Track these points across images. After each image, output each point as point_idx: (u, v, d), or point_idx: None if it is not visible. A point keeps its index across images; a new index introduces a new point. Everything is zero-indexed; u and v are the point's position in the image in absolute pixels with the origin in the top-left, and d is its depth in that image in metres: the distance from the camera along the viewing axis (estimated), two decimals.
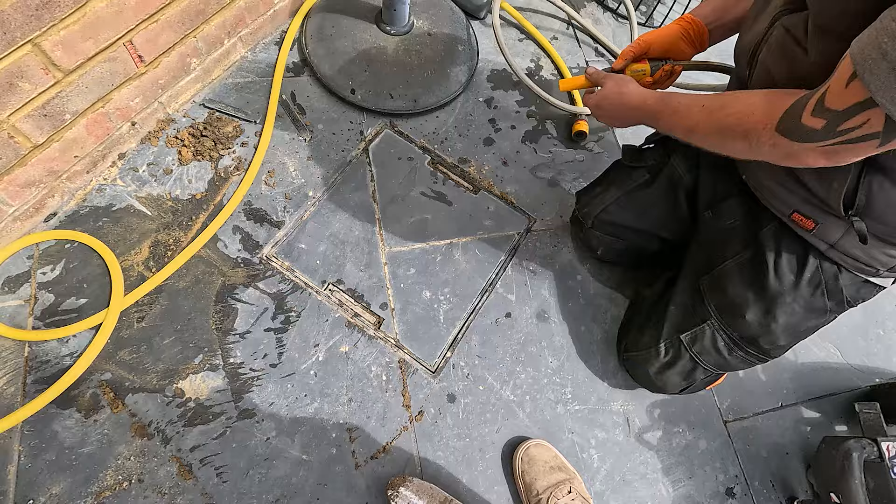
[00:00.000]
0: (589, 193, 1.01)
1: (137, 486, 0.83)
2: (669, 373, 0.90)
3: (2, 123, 0.80)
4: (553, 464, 0.89)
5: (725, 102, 0.65)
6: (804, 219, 0.71)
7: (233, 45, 1.16)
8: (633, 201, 0.94)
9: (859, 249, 0.69)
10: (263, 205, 1.07)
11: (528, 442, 0.92)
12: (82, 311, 0.92)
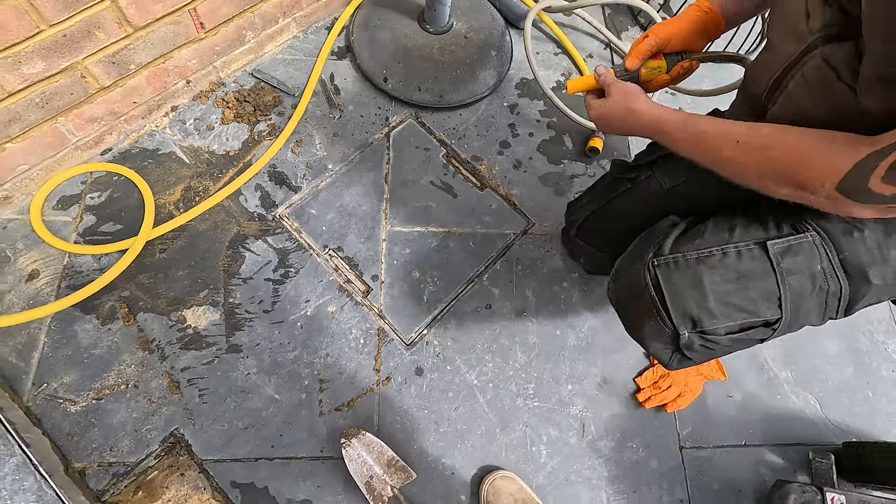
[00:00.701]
0: (575, 204, 1.05)
1: (132, 391, 0.95)
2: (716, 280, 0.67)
3: (76, 64, 0.94)
4: (518, 496, 0.91)
5: (770, 143, 0.57)
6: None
7: (287, 24, 1.28)
8: (612, 210, 0.93)
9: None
10: (286, 170, 1.18)
11: (495, 473, 0.94)
12: (116, 235, 1.06)
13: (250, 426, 0.95)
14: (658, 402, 1.06)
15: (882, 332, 1.24)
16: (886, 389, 1.18)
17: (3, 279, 0.99)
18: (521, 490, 0.93)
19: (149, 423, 0.93)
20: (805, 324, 0.69)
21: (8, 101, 0.89)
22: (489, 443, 1.00)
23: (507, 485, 0.93)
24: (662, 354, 0.72)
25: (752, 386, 1.13)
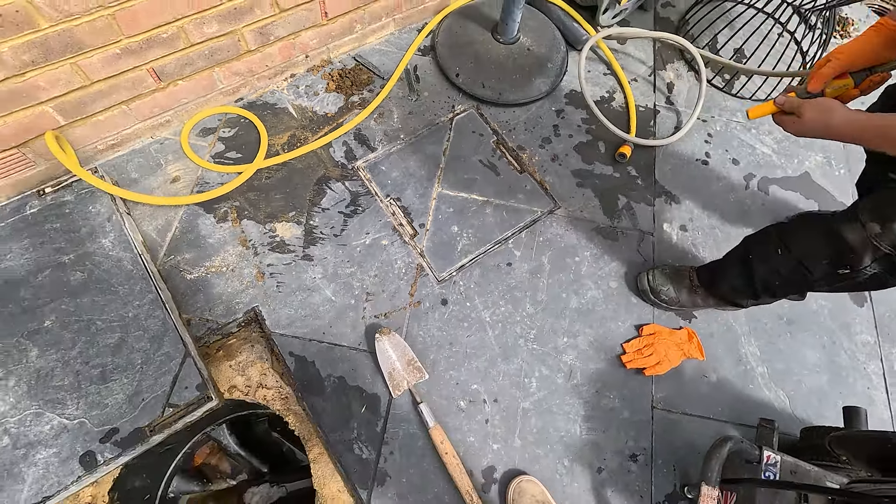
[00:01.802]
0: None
1: (230, 273, 1.26)
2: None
3: (237, 31, 1.29)
4: (540, 498, 1.08)
5: None
6: None
7: (387, 22, 1.60)
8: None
9: None
10: (368, 134, 1.48)
11: (522, 476, 1.10)
12: (236, 160, 1.39)
13: (309, 315, 1.23)
14: (639, 365, 1.25)
15: (864, 353, 1.35)
16: (859, 401, 1.29)
17: (156, 179, 1.35)
18: (543, 494, 1.09)
19: (238, 298, 1.24)
20: None
21: (189, 49, 1.25)
22: (490, 367, 1.23)
23: (531, 487, 1.09)
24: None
25: (728, 372, 1.29)
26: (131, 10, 1.08)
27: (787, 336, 1.35)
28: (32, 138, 1.17)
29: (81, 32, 1.05)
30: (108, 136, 1.30)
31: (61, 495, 0.96)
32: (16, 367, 1.03)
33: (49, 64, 1.06)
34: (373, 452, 1.12)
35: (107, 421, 1.01)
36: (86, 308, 1.10)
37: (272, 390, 1.24)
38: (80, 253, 1.16)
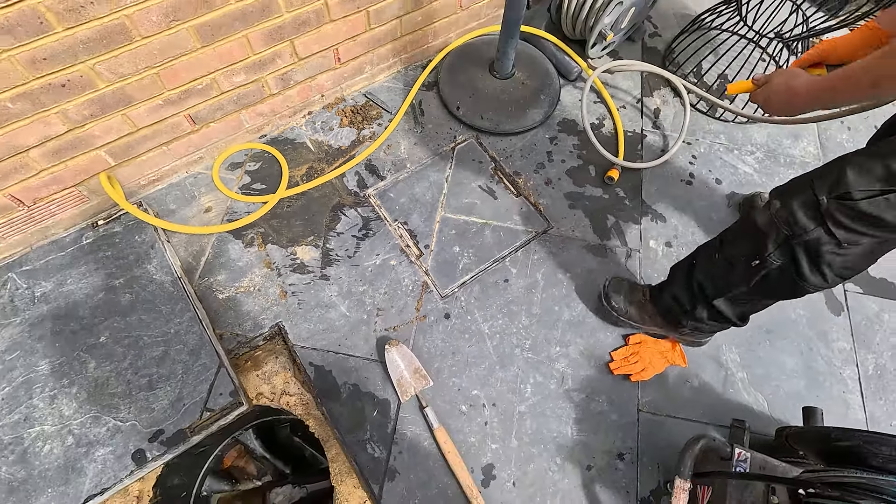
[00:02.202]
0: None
1: (256, 292, 1.42)
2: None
3: (261, 78, 1.46)
4: None
5: (882, 53, 0.72)
6: None
7: (394, 62, 1.77)
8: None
9: None
10: (378, 164, 1.64)
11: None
12: (261, 191, 1.56)
13: (327, 329, 1.38)
14: (625, 371, 1.36)
15: (841, 360, 1.45)
16: (835, 406, 1.39)
17: (191, 209, 1.52)
18: None
19: (263, 314, 1.40)
20: None
21: (220, 97, 1.43)
22: (489, 375, 1.36)
23: None
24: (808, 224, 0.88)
25: (710, 378, 1.39)
26: (173, 68, 1.26)
27: (767, 344, 1.45)
28: (88, 178, 1.35)
29: (132, 89, 1.23)
30: (150, 173, 1.48)
31: (117, 487, 1.12)
32: (77, 377, 1.20)
33: (104, 116, 1.25)
34: (384, 452, 1.26)
35: (154, 423, 1.17)
36: (134, 325, 1.27)
37: (294, 397, 1.39)
38: (128, 277, 1.33)
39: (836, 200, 0.84)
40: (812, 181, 0.88)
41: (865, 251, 0.86)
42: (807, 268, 0.91)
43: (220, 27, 1.25)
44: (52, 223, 1.38)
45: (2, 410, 1.16)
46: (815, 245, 0.88)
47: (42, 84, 1.09)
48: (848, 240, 0.85)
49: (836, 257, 0.88)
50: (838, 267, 0.89)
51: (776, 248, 0.94)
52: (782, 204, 0.91)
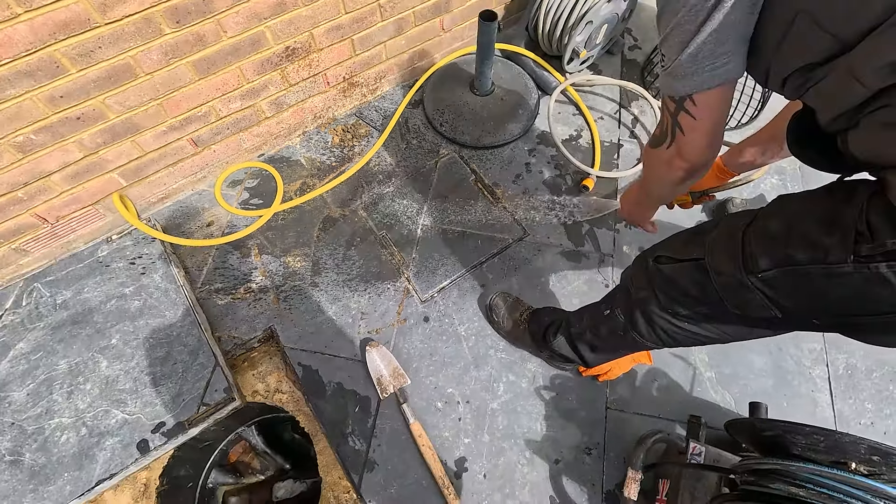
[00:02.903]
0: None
1: (252, 299, 1.55)
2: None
3: (256, 104, 1.61)
4: None
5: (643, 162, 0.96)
6: None
7: (382, 83, 1.90)
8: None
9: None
10: (366, 179, 1.76)
11: None
12: (258, 206, 1.70)
13: (315, 332, 1.50)
14: (593, 372, 1.43)
15: (810, 359, 1.48)
16: (803, 404, 1.42)
17: (194, 224, 1.67)
18: None
19: (258, 319, 1.52)
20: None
21: (218, 122, 1.57)
22: (464, 374, 1.45)
23: None
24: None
25: (678, 376, 1.45)
26: (174, 98, 1.41)
27: (736, 344, 1.49)
28: (103, 197, 1.52)
29: (138, 118, 1.39)
30: (158, 192, 1.64)
31: (123, 473, 1.25)
32: (91, 375, 1.35)
33: (115, 142, 1.41)
34: (364, 444, 1.36)
35: (157, 416, 1.31)
36: (141, 329, 1.41)
37: (286, 394, 1.51)
38: (137, 286, 1.48)
39: (654, 263, 0.91)
40: (653, 245, 0.97)
41: (689, 323, 0.90)
42: (642, 325, 0.98)
43: (214, 61, 1.39)
44: (73, 238, 1.55)
45: (27, 404, 1.31)
46: (648, 304, 0.95)
47: (60, 118, 1.25)
48: (668, 306, 0.90)
49: (665, 322, 0.93)
50: (665, 333, 0.95)
51: (621, 304, 1.03)
52: (631, 265, 1.01)
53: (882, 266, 0.56)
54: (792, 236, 0.66)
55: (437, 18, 1.80)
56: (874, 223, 0.57)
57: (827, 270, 0.62)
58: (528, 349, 1.46)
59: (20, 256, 1.48)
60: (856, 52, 0.55)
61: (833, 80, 0.59)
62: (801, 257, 0.64)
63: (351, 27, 1.60)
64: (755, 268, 0.70)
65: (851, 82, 0.56)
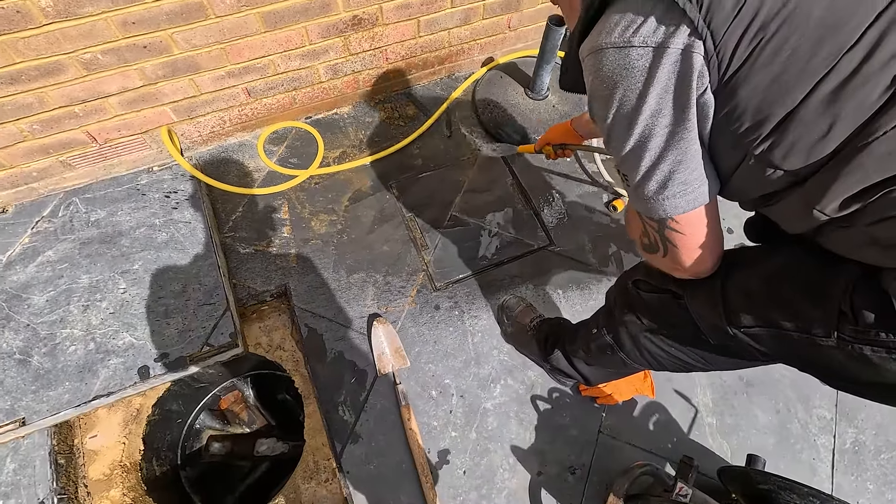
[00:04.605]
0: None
1: (273, 253, 1.57)
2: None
3: (313, 66, 1.63)
4: None
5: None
6: None
7: (439, 69, 1.90)
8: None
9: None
10: (405, 159, 1.77)
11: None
12: (296, 165, 1.73)
13: (327, 297, 1.52)
14: (593, 393, 1.41)
15: (818, 426, 1.43)
16: (801, 469, 1.38)
17: (232, 170, 1.71)
18: None
19: (275, 274, 1.55)
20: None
21: (275, 77, 1.60)
22: (464, 368, 1.44)
23: None
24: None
25: (678, 415, 1.42)
26: (237, 46, 1.44)
27: (743, 395, 1.46)
28: (152, 128, 1.56)
29: (200, 58, 1.42)
30: (204, 133, 1.68)
31: (120, 394, 1.28)
32: (108, 295, 1.39)
33: (174, 77, 1.44)
34: (353, 416, 1.37)
35: (162, 346, 1.34)
36: (164, 260, 1.45)
37: (287, 353, 1.53)
38: (167, 219, 1.52)
39: (634, 287, 0.90)
40: (633, 266, 0.95)
41: (675, 349, 0.88)
42: (629, 346, 0.97)
43: (283, 17, 1.42)
44: (117, 162, 1.59)
45: (45, 309, 1.36)
46: (632, 327, 0.93)
47: (128, 43, 1.29)
48: (652, 330, 0.89)
49: (651, 345, 0.92)
50: (650, 355, 0.94)
51: (606, 324, 1.01)
52: (614, 286, 1.00)
53: (866, 349, 0.56)
54: (773, 300, 0.65)
55: (506, 16, 1.80)
56: (860, 308, 0.56)
57: (811, 341, 0.61)
58: (532, 357, 1.45)
59: (65, 170, 1.53)
60: (811, 185, 0.56)
61: (792, 206, 0.60)
62: (784, 324, 0.63)
63: (419, 8, 1.61)
64: (738, 323, 0.69)
65: (810, 211, 0.57)
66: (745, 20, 0.52)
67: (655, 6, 0.55)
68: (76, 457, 1.36)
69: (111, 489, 1.35)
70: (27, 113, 1.32)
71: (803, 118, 0.52)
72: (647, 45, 0.55)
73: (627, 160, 0.63)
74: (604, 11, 0.61)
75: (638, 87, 0.57)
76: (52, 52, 1.22)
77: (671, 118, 0.58)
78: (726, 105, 0.57)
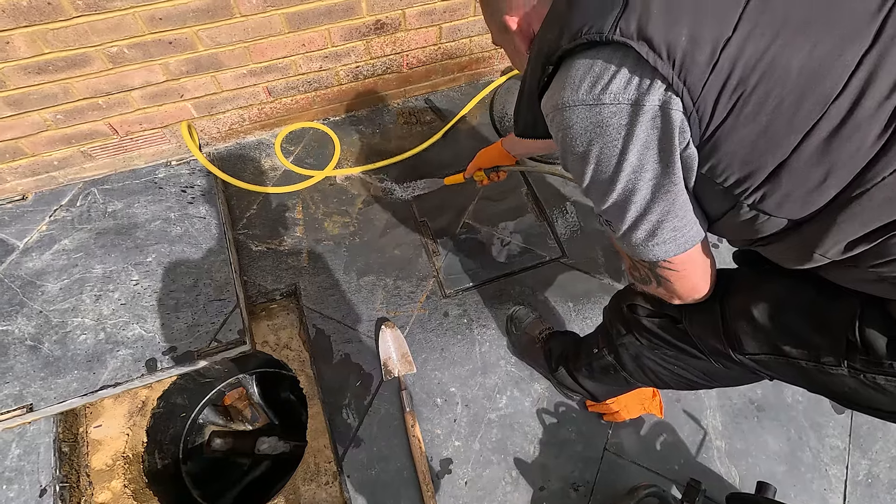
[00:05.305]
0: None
1: (285, 252, 1.58)
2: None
3: (334, 68, 1.64)
4: None
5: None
6: None
7: (459, 76, 1.90)
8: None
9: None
10: (420, 165, 1.77)
11: None
12: (312, 166, 1.74)
13: (337, 299, 1.51)
14: (599, 410, 1.39)
15: (830, 457, 1.40)
16: (810, 500, 1.34)
17: (248, 168, 1.72)
18: None
19: (285, 273, 1.55)
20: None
21: (296, 77, 1.61)
22: (470, 377, 1.43)
23: None
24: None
25: (686, 436, 1.39)
26: (261, 45, 1.45)
27: (754, 420, 1.43)
28: (173, 123, 1.58)
29: (224, 56, 1.44)
30: (223, 130, 1.69)
31: (127, 385, 1.29)
32: (121, 286, 1.40)
33: (197, 74, 1.46)
34: (357, 420, 1.36)
35: (170, 340, 1.34)
36: (177, 253, 1.46)
37: (294, 352, 1.52)
38: (182, 213, 1.53)
39: (629, 311, 0.88)
40: (626, 288, 0.94)
41: (678, 367, 0.87)
42: (630, 365, 0.96)
43: (307, 18, 1.43)
44: (136, 155, 1.61)
45: (58, 297, 1.37)
46: (632, 348, 0.92)
47: (154, 39, 1.31)
48: (653, 349, 0.87)
49: (653, 364, 0.90)
50: (654, 374, 0.92)
51: (605, 344, 1.01)
52: (609, 307, 1.00)
53: (879, 378, 0.54)
54: (777, 327, 0.63)
55: None
56: (870, 338, 0.54)
57: (820, 369, 0.59)
58: (539, 370, 1.43)
59: (86, 160, 1.55)
60: (810, 230, 0.54)
61: (789, 248, 0.58)
62: (790, 351, 0.61)
63: (442, 15, 1.62)
64: (742, 349, 0.67)
65: (810, 254, 0.55)
66: (721, 75, 0.49)
67: (623, 60, 0.52)
68: (80, 445, 1.36)
69: (112, 480, 1.36)
70: (52, 103, 1.34)
71: (796, 169, 0.50)
72: (620, 102, 0.53)
73: (610, 212, 0.61)
74: (561, 63, 0.58)
75: (616, 145, 0.55)
76: (80, 44, 1.24)
77: (655, 172, 0.56)
78: (711, 158, 0.55)
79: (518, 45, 0.69)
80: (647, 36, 0.50)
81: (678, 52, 0.49)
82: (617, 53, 0.52)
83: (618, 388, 1.17)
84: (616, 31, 0.51)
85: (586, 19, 0.53)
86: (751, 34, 0.48)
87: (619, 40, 0.51)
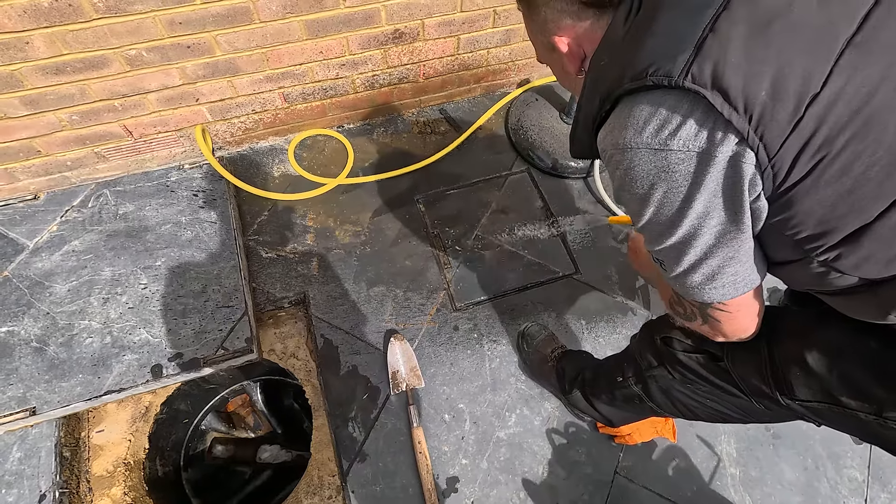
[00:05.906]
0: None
1: (295, 260, 1.56)
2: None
3: (350, 76, 1.63)
4: None
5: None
6: None
7: (475, 87, 1.89)
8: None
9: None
10: (434, 175, 1.75)
11: None
12: (325, 174, 1.72)
13: (346, 309, 1.49)
14: (610, 432, 1.36)
15: (849, 488, 1.35)
16: None
17: (261, 174, 1.71)
18: None
19: (295, 281, 1.53)
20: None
21: (312, 84, 1.60)
22: (479, 394, 1.40)
23: None
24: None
25: (699, 462, 1.35)
26: (278, 51, 1.44)
27: (770, 447, 1.39)
28: (187, 127, 1.57)
29: (241, 61, 1.43)
30: (237, 135, 1.69)
31: (131, 391, 1.27)
32: (129, 289, 1.39)
33: (213, 78, 1.45)
34: (363, 433, 1.33)
35: (177, 346, 1.32)
36: (186, 258, 1.44)
37: (301, 361, 1.50)
38: (193, 217, 1.52)
39: (664, 343, 0.86)
40: (660, 319, 0.92)
41: (711, 401, 0.84)
42: (659, 398, 0.93)
43: (326, 25, 1.42)
44: (149, 157, 1.61)
45: (65, 299, 1.36)
46: (662, 380, 0.90)
47: (173, 42, 1.30)
48: (686, 384, 0.85)
49: (685, 398, 0.88)
50: (685, 407, 0.90)
51: (632, 374, 0.98)
52: (639, 337, 0.97)
53: None
54: (835, 377, 0.60)
55: None
56: None
57: (881, 423, 0.56)
58: (550, 388, 1.40)
59: (99, 161, 1.55)
60: (887, 291, 0.51)
61: (860, 304, 0.56)
62: (849, 402, 0.58)
63: (461, 26, 1.61)
64: (793, 395, 0.65)
65: (885, 314, 0.53)
66: (804, 133, 0.46)
67: (693, 107, 0.49)
68: (81, 450, 1.34)
69: (113, 487, 1.33)
70: (68, 103, 1.34)
71: (881, 235, 0.48)
72: (690, 149, 0.50)
73: (666, 252, 0.59)
74: (620, 100, 0.55)
75: (682, 191, 0.52)
76: (99, 46, 1.23)
77: (721, 219, 0.54)
78: (783, 212, 0.52)
79: (566, 66, 0.67)
80: (723, 86, 0.46)
81: (756, 106, 0.46)
82: (685, 98, 0.49)
83: (637, 416, 1.14)
84: (687, 77, 0.48)
85: (653, 59, 0.50)
86: (842, 91, 0.45)
87: (691, 87, 0.48)
